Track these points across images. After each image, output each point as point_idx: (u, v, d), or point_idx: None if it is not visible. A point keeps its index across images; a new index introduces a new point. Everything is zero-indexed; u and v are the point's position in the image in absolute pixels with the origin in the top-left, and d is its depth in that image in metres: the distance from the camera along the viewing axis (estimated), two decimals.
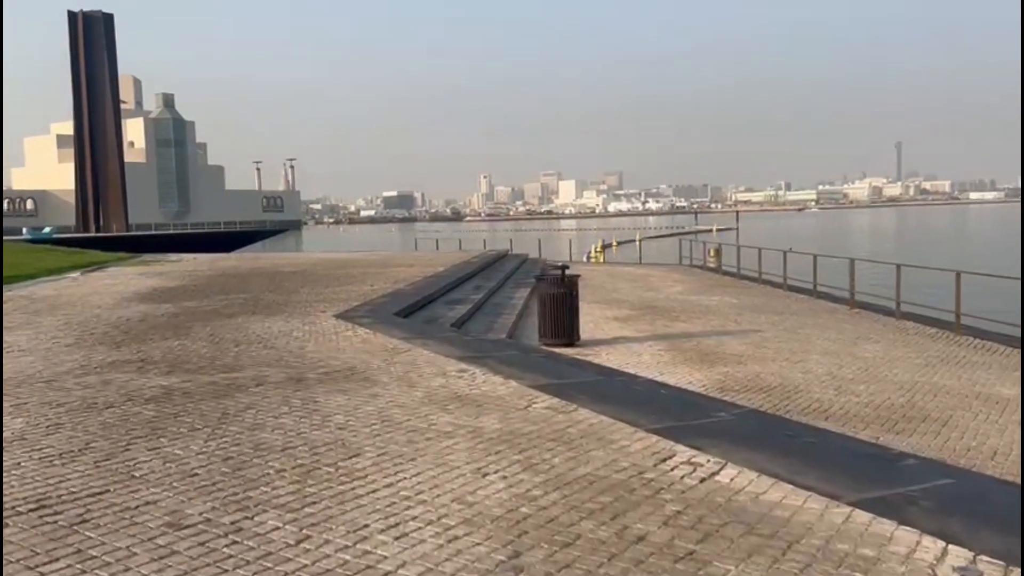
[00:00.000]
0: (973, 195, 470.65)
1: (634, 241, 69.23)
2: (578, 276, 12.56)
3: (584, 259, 44.15)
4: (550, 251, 44.60)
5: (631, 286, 23.03)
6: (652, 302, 18.50)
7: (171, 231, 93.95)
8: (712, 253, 33.15)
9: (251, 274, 21.14)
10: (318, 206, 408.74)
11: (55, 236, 68.89)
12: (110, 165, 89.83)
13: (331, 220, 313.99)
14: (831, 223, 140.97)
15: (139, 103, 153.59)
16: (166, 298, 14.61)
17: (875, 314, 16.91)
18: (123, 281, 18.88)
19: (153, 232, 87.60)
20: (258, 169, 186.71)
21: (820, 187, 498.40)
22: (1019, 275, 14.04)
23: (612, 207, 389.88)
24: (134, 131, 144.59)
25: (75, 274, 21.68)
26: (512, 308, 15.86)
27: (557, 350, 11.74)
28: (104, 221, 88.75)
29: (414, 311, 13.17)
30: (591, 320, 14.28)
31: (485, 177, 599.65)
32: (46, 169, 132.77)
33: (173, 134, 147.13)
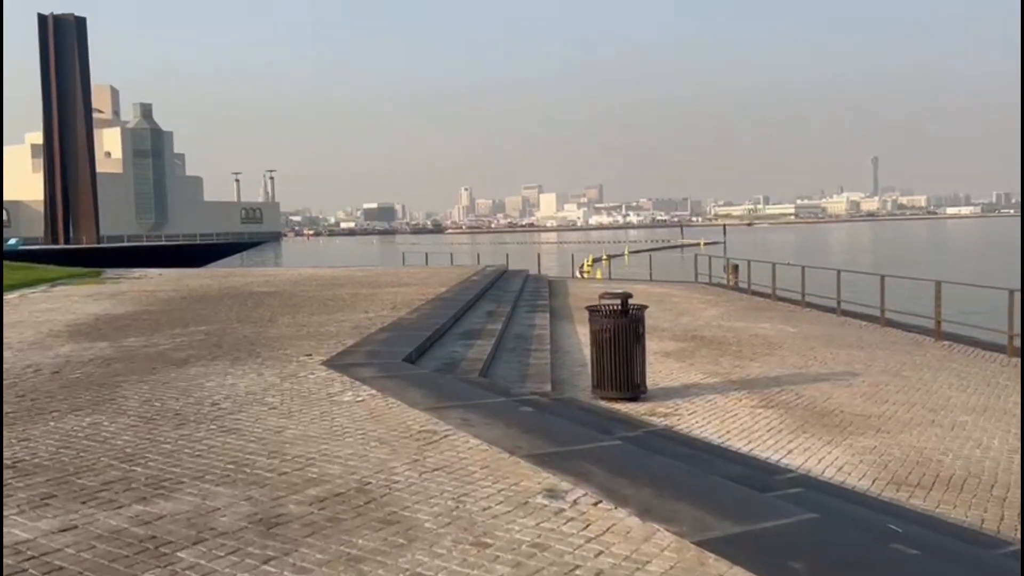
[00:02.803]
0: (950, 210, 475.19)
1: (622, 255, 66.98)
2: (644, 307, 9.61)
3: (577, 273, 41.41)
4: (541, 265, 41.74)
5: (657, 308, 20.09)
6: (695, 330, 15.62)
7: (144, 243, 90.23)
8: (729, 270, 30.56)
9: (220, 296, 18.03)
10: (298, 218, 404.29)
11: (20, 248, 65.08)
12: (81, 174, 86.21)
13: (311, 232, 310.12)
14: (810, 237, 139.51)
15: (116, 113, 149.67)
16: (106, 332, 11.50)
17: (970, 347, 14.13)
18: (64, 306, 15.69)
19: (124, 244, 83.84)
20: (237, 180, 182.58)
21: (799, 201, 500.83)
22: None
23: (593, 220, 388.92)
24: (110, 141, 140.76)
25: (14, 295, 18.45)
26: (539, 341, 12.89)
27: (619, 406, 8.82)
28: (74, 232, 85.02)
29: (425, 350, 10.18)
30: None
31: (466, 190, 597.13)
32: (20, 179, 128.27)
33: (151, 144, 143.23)
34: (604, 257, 64.11)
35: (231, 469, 4.69)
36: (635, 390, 9.27)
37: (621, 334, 9.25)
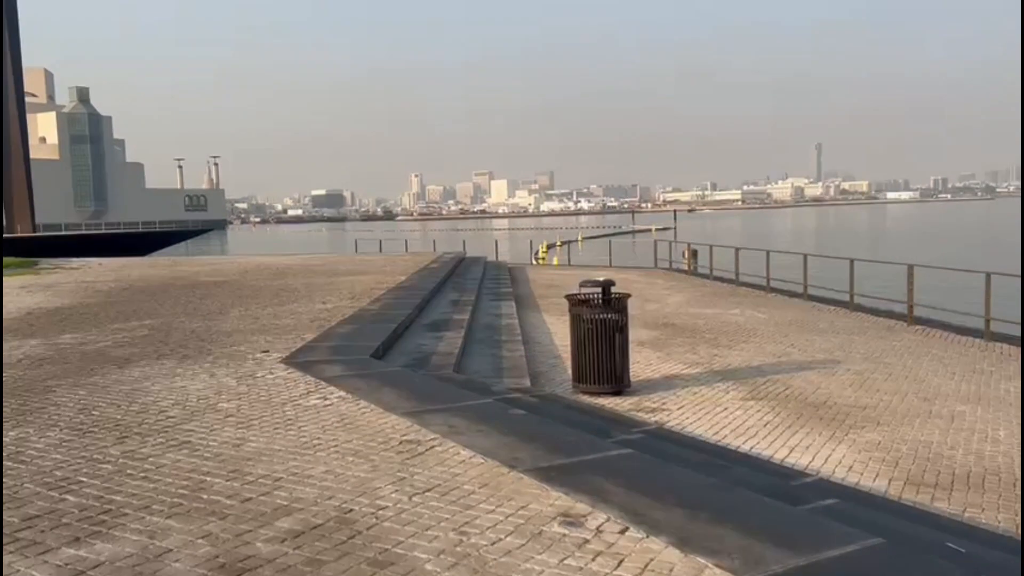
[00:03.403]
0: (890, 195, 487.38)
1: (576, 242, 66.68)
2: (627, 296, 9.04)
3: (533, 260, 40.90)
4: (488, 250, 41.06)
5: None
6: (665, 317, 15.15)
7: (83, 232, 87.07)
8: (686, 255, 30.37)
9: (165, 286, 17.01)
10: (244, 205, 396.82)
11: None
12: (14, 161, 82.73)
13: (258, 219, 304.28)
14: (757, 222, 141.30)
15: (51, 97, 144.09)
16: (38, 328, 10.53)
17: (943, 331, 13.90)
18: None
19: (63, 233, 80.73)
20: (180, 167, 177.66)
21: (745, 187, 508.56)
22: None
23: (544, 207, 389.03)
24: (46, 126, 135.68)
25: None
26: (509, 332, 12.28)
27: (602, 401, 8.26)
28: (7, 222, 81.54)
29: (391, 344, 9.48)
30: None
31: (416, 176, 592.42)
32: None
33: (89, 130, 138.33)
34: (558, 243, 63.78)
35: (184, 496, 3.97)
36: (618, 383, 8.71)
37: (603, 324, 8.67)
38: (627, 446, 5.06)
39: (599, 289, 8.91)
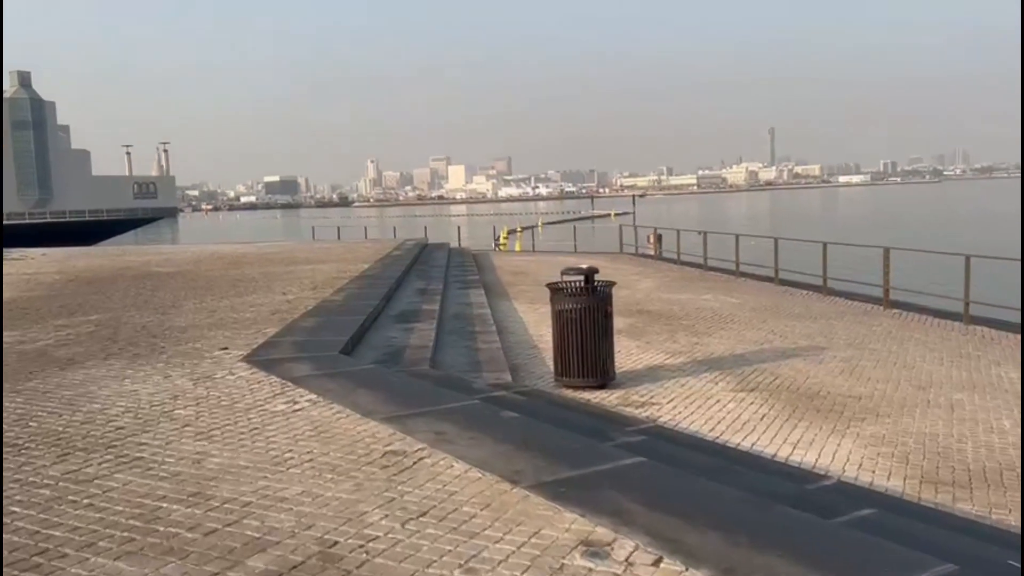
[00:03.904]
0: (842, 178, 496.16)
1: (536, 227, 66.29)
2: (612, 284, 8.57)
3: (493, 246, 40.39)
4: (449, 236, 40.42)
5: None
6: (638, 303, 14.76)
7: (26, 220, 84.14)
8: (651, 240, 30.17)
9: (114, 278, 16.14)
10: (195, 192, 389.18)
11: None
12: None
13: (210, 207, 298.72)
14: (712, 207, 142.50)
15: None
16: None
17: (920, 315, 13.72)
18: None
19: (3, 223, 77.77)
20: (128, 154, 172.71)
21: (700, 172, 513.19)
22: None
23: (503, 192, 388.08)
24: None
25: None
26: (481, 322, 11.76)
27: (587, 395, 7.80)
28: None
29: (360, 337, 8.90)
30: None
31: (372, 162, 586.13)
32: None
33: (31, 115, 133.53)
34: (518, 229, 63.31)
35: (136, 528, 3.38)
36: (604, 376, 8.25)
37: (587, 314, 8.19)
38: (631, 451, 4.58)
39: (581, 277, 8.44)
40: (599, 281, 8.40)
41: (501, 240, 43.91)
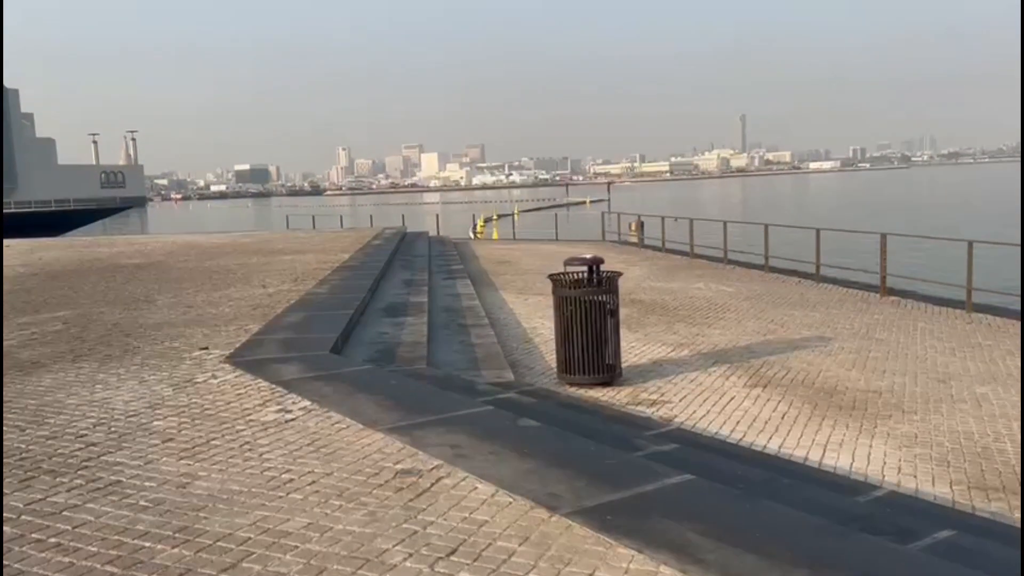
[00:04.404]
0: (812, 165, 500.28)
1: (512, 215, 65.76)
2: (619, 274, 8.09)
3: (470, 234, 39.85)
4: (425, 224, 39.81)
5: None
6: (630, 293, 14.32)
7: None
8: (633, 227, 29.78)
9: (82, 270, 15.40)
10: (164, 181, 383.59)
11: None
12: None
13: (179, 196, 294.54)
14: (687, 193, 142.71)
15: None
16: None
17: (918, 303, 13.41)
18: None
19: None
20: (95, 142, 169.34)
21: (673, 159, 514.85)
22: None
23: (476, 180, 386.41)
24: None
25: None
26: (473, 315, 11.25)
27: (597, 394, 7.35)
28: None
29: (349, 333, 8.35)
30: None
31: (344, 150, 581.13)
32: None
33: None
34: (495, 217, 62.75)
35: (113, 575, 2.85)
36: (609, 373, 7.78)
37: (592, 308, 7.72)
38: (667, 462, 4.13)
39: (585, 268, 7.95)
40: (604, 271, 7.93)
41: (478, 228, 43.37)
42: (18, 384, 5.88)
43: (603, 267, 7.98)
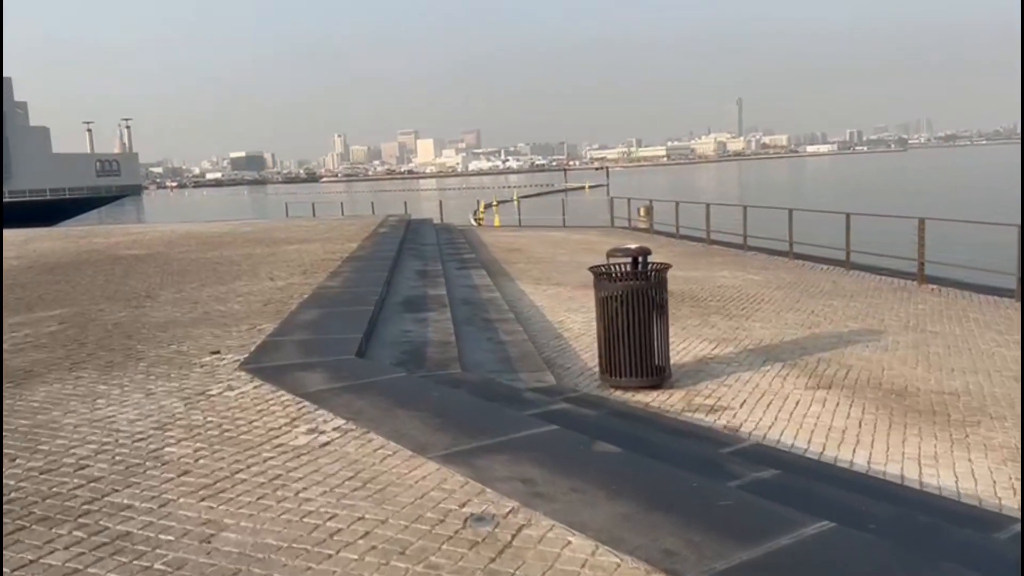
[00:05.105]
0: (809, 148, 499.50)
1: (512, 201, 65.02)
2: (668, 267, 7.41)
3: (472, 221, 39.14)
4: (424, 211, 39.08)
5: (591, 258, 18.05)
6: None
7: None
8: (642, 213, 29.07)
9: (79, 262, 14.69)
10: (159, 169, 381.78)
11: None
12: None
13: (175, 184, 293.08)
14: (685, 177, 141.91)
15: None
16: None
17: (961, 291, 12.75)
18: None
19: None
20: (89, 130, 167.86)
21: (669, 143, 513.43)
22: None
23: (472, 166, 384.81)
24: None
25: None
26: (495, 308, 10.58)
27: (646, 398, 6.69)
28: None
29: (371, 332, 7.66)
30: None
31: (339, 136, 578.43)
32: None
33: None
34: (494, 203, 61.96)
35: None
36: (658, 375, 7.12)
37: (639, 303, 7.04)
38: (768, 493, 3.47)
39: (629, 259, 7.27)
40: (652, 264, 7.25)
41: (479, 214, 42.59)
42: (9, 398, 5.20)
43: (652, 258, 7.30)
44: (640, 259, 7.21)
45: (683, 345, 8.83)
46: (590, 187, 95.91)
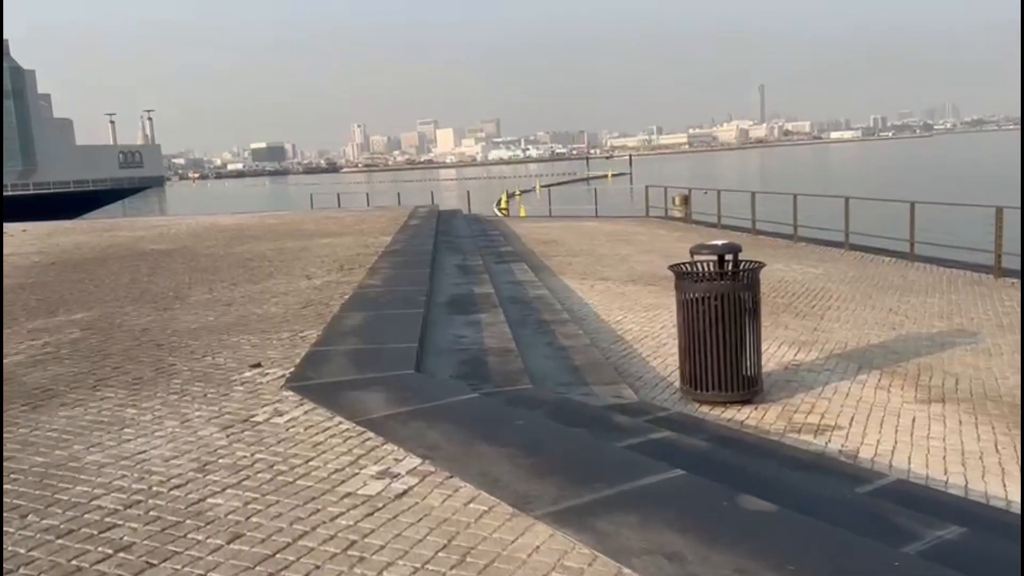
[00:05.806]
0: (833, 134, 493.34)
1: (533, 191, 64.23)
2: (761, 265, 6.61)
3: (495, 211, 38.33)
4: (452, 202, 38.37)
5: (632, 250, 17.26)
6: None
7: (9, 193, 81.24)
8: (677, 202, 28.14)
9: (103, 258, 14.08)
10: (181, 160, 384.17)
11: None
12: None
13: (197, 175, 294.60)
14: (708, 165, 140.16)
15: None
16: None
17: None
18: None
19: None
20: (112, 122, 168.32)
21: (691, 130, 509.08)
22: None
23: (492, 155, 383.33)
24: None
25: None
26: (546, 307, 9.81)
27: (739, 415, 5.91)
28: None
29: (423, 339, 6.91)
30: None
31: (359, 126, 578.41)
32: None
33: (11, 84, 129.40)
34: (517, 193, 61.16)
35: None
36: (749, 388, 6.33)
37: (728, 306, 6.24)
38: (965, 567, 2.69)
39: (715, 256, 6.47)
40: (744, 262, 6.46)
41: (502, 205, 41.76)
42: (23, 426, 4.50)
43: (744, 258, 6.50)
44: (729, 256, 6.42)
45: (763, 350, 8.01)
46: (613, 176, 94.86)
